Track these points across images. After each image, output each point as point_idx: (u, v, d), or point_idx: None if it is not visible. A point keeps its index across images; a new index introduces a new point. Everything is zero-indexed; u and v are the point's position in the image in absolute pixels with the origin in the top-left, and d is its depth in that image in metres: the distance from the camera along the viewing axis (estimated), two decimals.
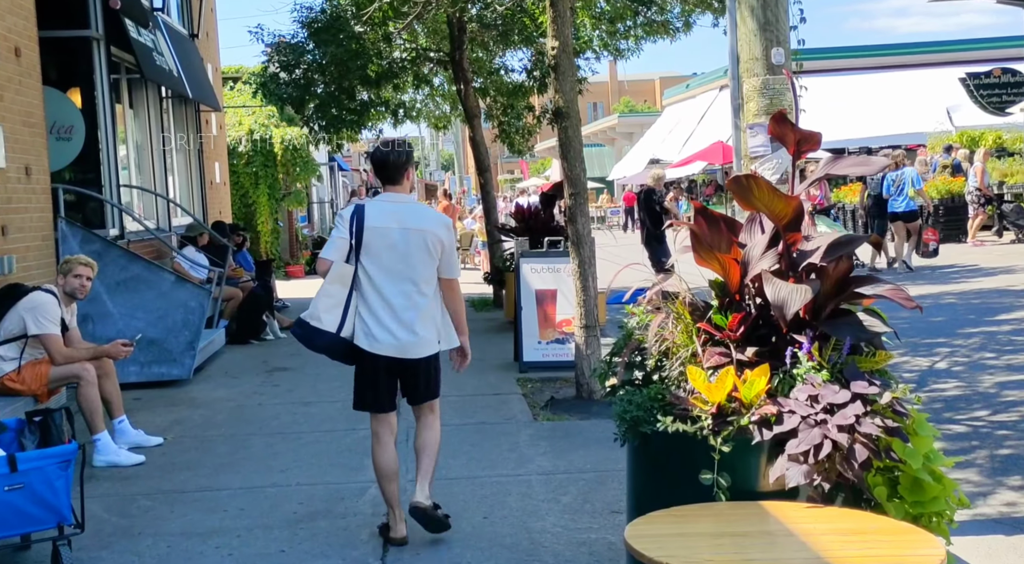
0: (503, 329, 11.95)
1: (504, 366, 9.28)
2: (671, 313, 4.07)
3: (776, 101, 4.85)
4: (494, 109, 15.75)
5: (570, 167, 7.50)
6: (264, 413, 7.62)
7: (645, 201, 14.11)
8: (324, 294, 4.65)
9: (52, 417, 4.70)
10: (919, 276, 14.62)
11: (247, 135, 20.39)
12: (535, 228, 12.22)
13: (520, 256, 9.16)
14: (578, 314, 7.61)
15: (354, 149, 52.96)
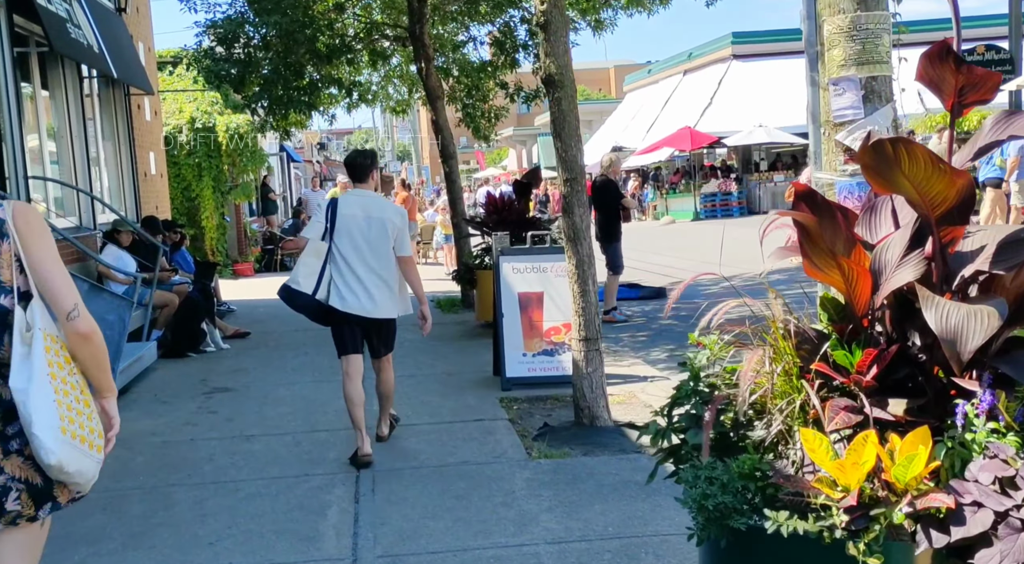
0: (476, 334, 10.63)
1: (483, 382, 7.96)
2: (764, 347, 2.80)
3: (870, 47, 3.58)
4: (457, 90, 14.42)
5: (564, 147, 6.19)
6: (196, 453, 6.23)
7: (601, 192, 12.13)
8: (303, 264, 5.82)
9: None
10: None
11: (188, 123, 18.79)
12: (509, 220, 10.91)
13: (500, 254, 7.83)
14: (577, 324, 6.31)
15: (306, 140, 51.22)
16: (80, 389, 2.54)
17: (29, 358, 2.41)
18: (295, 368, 9.14)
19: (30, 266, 2.48)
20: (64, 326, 2.51)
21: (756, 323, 2.98)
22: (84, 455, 2.49)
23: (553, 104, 6.17)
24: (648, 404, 7.00)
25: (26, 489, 2.46)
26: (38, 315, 2.47)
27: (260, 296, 15.88)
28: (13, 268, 2.47)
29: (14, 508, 2.45)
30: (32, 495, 2.47)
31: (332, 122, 16.74)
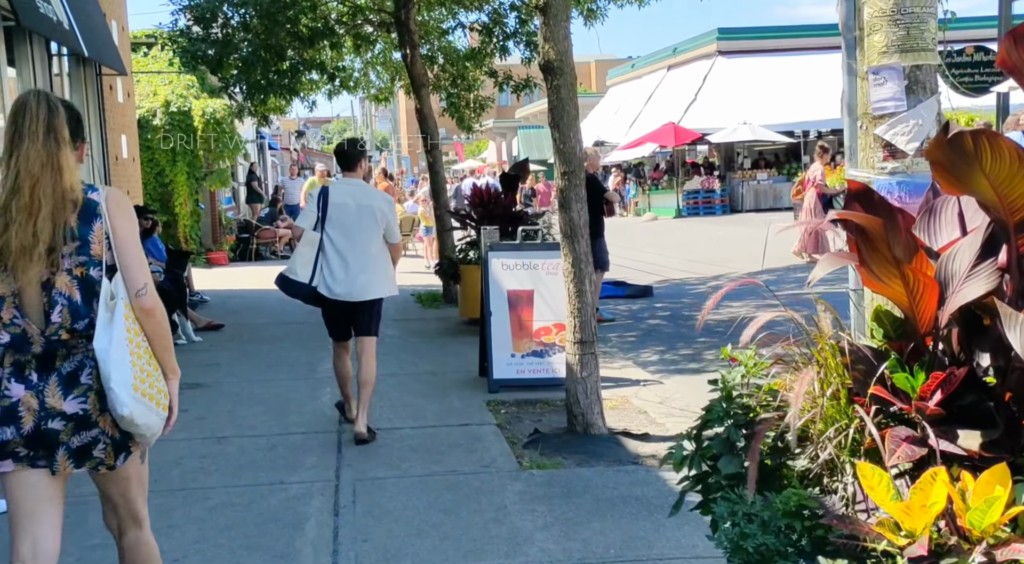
0: (460, 331, 10.27)
1: (468, 383, 7.61)
2: (814, 367, 2.47)
3: (915, 32, 3.25)
4: (442, 79, 14.02)
5: (563, 138, 5.84)
6: (163, 455, 5.83)
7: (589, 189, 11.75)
8: (299, 254, 5.95)
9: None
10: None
11: (163, 107, 18.29)
12: (495, 214, 10.54)
13: (489, 249, 7.48)
14: (571, 326, 5.97)
15: (284, 127, 50.51)
16: (149, 355, 2.89)
17: (111, 324, 2.76)
18: (271, 364, 8.76)
19: (115, 244, 2.84)
20: (132, 301, 2.84)
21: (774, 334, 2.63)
22: (152, 411, 2.85)
23: (551, 92, 5.82)
24: (642, 410, 6.68)
25: (110, 443, 2.85)
26: (121, 287, 2.82)
27: (235, 286, 15.45)
28: (103, 245, 2.83)
29: (99, 456, 2.85)
30: (114, 448, 2.87)
31: (312, 109, 16.31)
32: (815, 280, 2.49)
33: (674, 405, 6.74)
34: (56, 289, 2.78)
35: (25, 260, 2.74)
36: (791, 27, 32.32)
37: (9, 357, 2.80)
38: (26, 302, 2.79)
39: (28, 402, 2.77)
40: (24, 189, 2.73)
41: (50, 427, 2.78)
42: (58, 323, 2.79)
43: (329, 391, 7.47)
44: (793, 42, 31.06)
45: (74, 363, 2.81)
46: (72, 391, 2.79)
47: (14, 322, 2.78)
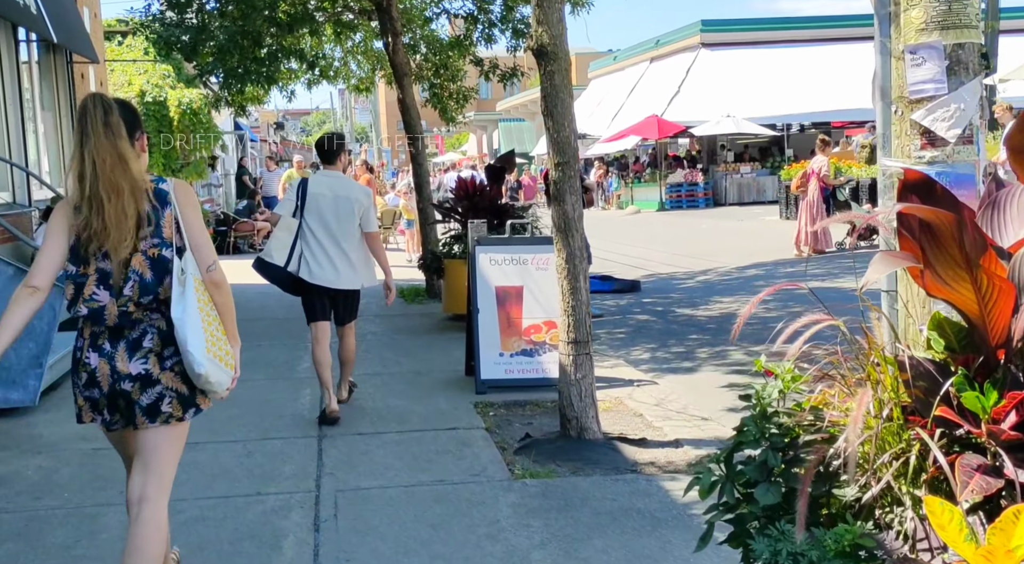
0: (444, 328, 9.95)
1: (454, 383, 7.29)
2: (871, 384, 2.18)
3: (957, 7, 2.95)
4: (425, 69, 13.67)
5: (556, 127, 5.52)
6: None
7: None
8: (275, 238, 6.09)
9: None
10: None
11: (138, 97, 17.82)
12: (481, 207, 10.21)
13: (476, 243, 7.15)
14: (564, 325, 5.66)
15: (263, 119, 49.93)
16: (218, 322, 3.29)
17: (184, 296, 3.14)
18: (247, 362, 8.30)
19: (184, 228, 3.23)
20: (204, 276, 3.25)
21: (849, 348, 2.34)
22: (222, 370, 3.28)
23: (545, 78, 5.50)
24: (637, 412, 6.38)
25: (176, 397, 3.22)
26: (190, 264, 3.21)
27: None
28: (172, 228, 3.21)
29: (167, 410, 3.22)
30: (181, 402, 3.24)
31: (291, 99, 15.94)
32: (869, 282, 2.18)
33: (670, 407, 6.45)
34: (131, 267, 3.15)
35: (114, 240, 3.13)
36: (775, 19, 32.14)
37: (87, 329, 3.21)
38: (108, 279, 3.16)
39: (103, 368, 3.18)
40: (102, 177, 3.10)
41: (122, 388, 3.19)
42: (128, 297, 3.16)
43: (309, 392, 7.13)
44: (777, 34, 30.87)
45: (138, 331, 3.20)
46: (136, 355, 3.18)
47: (94, 297, 3.14)
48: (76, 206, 3.17)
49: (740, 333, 8.42)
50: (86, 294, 3.15)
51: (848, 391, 2.33)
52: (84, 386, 3.22)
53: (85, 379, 3.21)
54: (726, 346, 8.66)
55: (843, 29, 32.35)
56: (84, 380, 3.22)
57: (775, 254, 15.29)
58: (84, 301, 3.14)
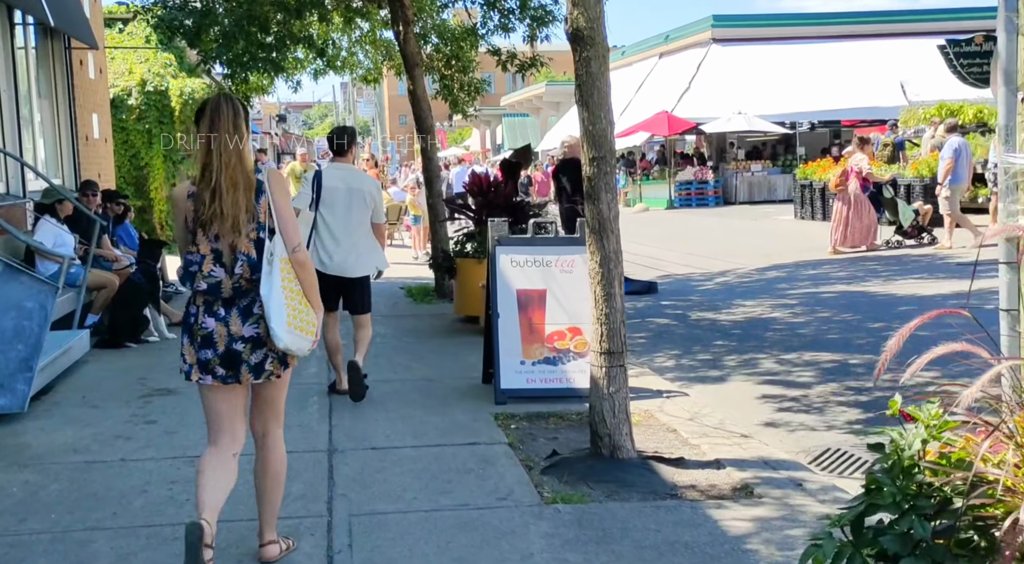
0: (456, 330, 9.52)
1: (471, 392, 6.85)
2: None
3: None
4: (435, 60, 13.22)
5: (592, 119, 5.07)
6: (126, 479, 5.05)
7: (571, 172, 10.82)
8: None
9: None
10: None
11: (139, 86, 17.38)
12: (496, 204, 9.77)
13: (496, 243, 6.70)
14: (597, 334, 5.22)
15: (265, 111, 49.52)
16: (301, 296, 3.69)
17: (271, 274, 3.57)
18: None
19: (276, 213, 3.63)
20: (290, 255, 3.65)
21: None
22: (301, 339, 3.68)
23: (580, 65, 5.05)
24: (670, 427, 5.93)
25: (276, 358, 3.71)
26: (278, 245, 3.60)
27: None
28: (267, 213, 3.62)
29: (269, 368, 3.71)
30: (279, 361, 3.73)
31: (297, 89, 15.55)
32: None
33: (706, 422, 6.01)
34: (239, 249, 3.61)
35: (228, 226, 3.58)
36: (788, 15, 31.67)
37: (199, 298, 3.67)
38: (221, 258, 3.63)
39: (219, 331, 3.65)
40: (226, 172, 3.56)
41: (235, 348, 3.66)
42: (239, 274, 3.63)
43: (316, 400, 6.70)
44: (790, 30, 30.40)
45: (248, 300, 3.65)
46: (248, 320, 3.66)
47: (212, 274, 3.61)
48: (191, 194, 3.67)
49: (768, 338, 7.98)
50: (205, 271, 3.63)
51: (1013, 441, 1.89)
52: (199, 347, 3.68)
53: (200, 341, 3.68)
54: (755, 354, 8.22)
55: (856, 26, 31.92)
56: (199, 342, 3.68)
57: (794, 255, 14.84)
58: (204, 277, 3.63)
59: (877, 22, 32.25)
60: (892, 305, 9.92)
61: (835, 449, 5.68)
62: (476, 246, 9.73)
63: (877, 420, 6.17)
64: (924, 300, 10.01)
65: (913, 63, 28.74)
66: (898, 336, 2.13)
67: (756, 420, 6.34)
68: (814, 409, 6.52)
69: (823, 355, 7.98)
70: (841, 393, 6.84)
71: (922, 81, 27.04)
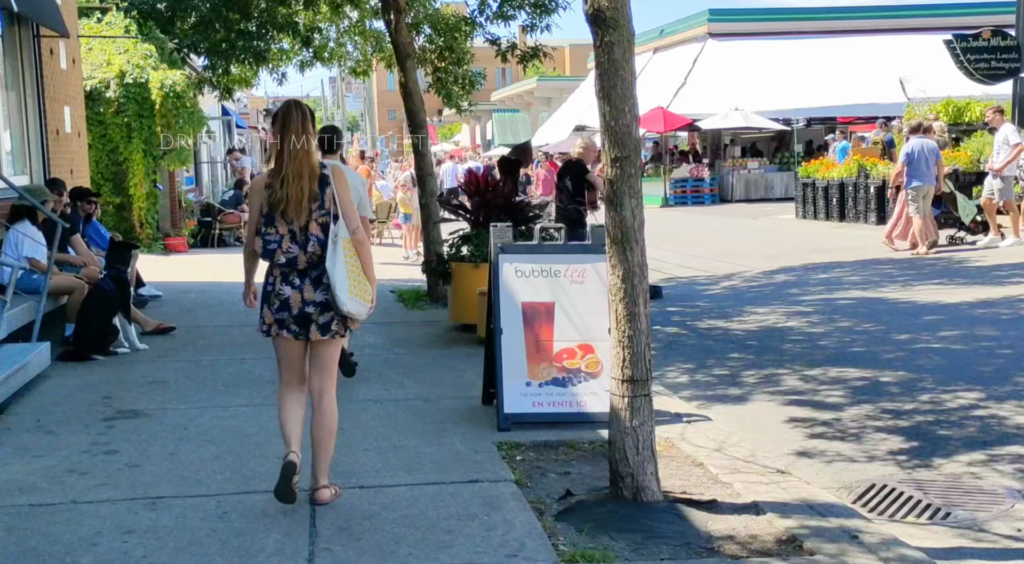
0: (451, 340, 8.88)
1: (470, 415, 6.19)
2: None
3: None
4: (428, 52, 12.55)
5: (615, 113, 4.42)
6: (75, 528, 4.36)
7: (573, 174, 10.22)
8: None
9: None
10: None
11: (117, 78, 16.65)
12: (494, 204, 9.14)
13: (500, 251, 6.04)
14: (619, 358, 4.57)
15: (252, 105, 48.54)
16: (359, 269, 4.54)
17: (335, 252, 4.42)
18: (228, 381, 7.29)
19: (339, 202, 4.49)
20: (351, 236, 4.51)
21: None
22: (360, 305, 4.52)
23: (601, 51, 4.40)
24: (696, 460, 5.29)
25: (340, 320, 4.54)
26: (342, 228, 4.48)
27: (193, 277, 13.93)
28: (331, 202, 4.47)
29: (335, 329, 4.53)
30: (342, 324, 4.56)
31: (282, 82, 14.76)
32: None
33: (735, 453, 5.37)
34: (310, 231, 4.41)
35: (297, 209, 4.39)
36: (787, 9, 31.06)
37: (277, 270, 4.49)
38: (295, 238, 4.42)
39: (295, 297, 4.46)
40: (293, 164, 4.38)
41: (306, 311, 4.47)
42: (312, 251, 4.43)
43: None
44: (788, 25, 29.83)
45: (318, 272, 4.44)
46: (318, 288, 4.46)
47: (290, 251, 4.42)
48: (267, 184, 4.44)
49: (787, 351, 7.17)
50: (284, 248, 4.41)
51: None
52: (277, 310, 4.48)
53: (278, 305, 4.48)
54: (775, 369, 7.59)
55: (855, 21, 31.38)
56: (277, 305, 4.48)
57: (801, 256, 14.22)
58: (283, 253, 4.42)
59: (876, 17, 31.70)
60: (915, 314, 9.31)
61: (881, 485, 5.06)
62: (472, 249, 9.09)
63: (922, 450, 5.55)
64: (949, 309, 9.41)
65: (913, 59, 28.18)
66: None
67: (787, 448, 5.71)
68: (850, 436, 5.90)
69: (850, 371, 7.36)
70: (877, 417, 6.22)
71: (922, 77, 26.45)
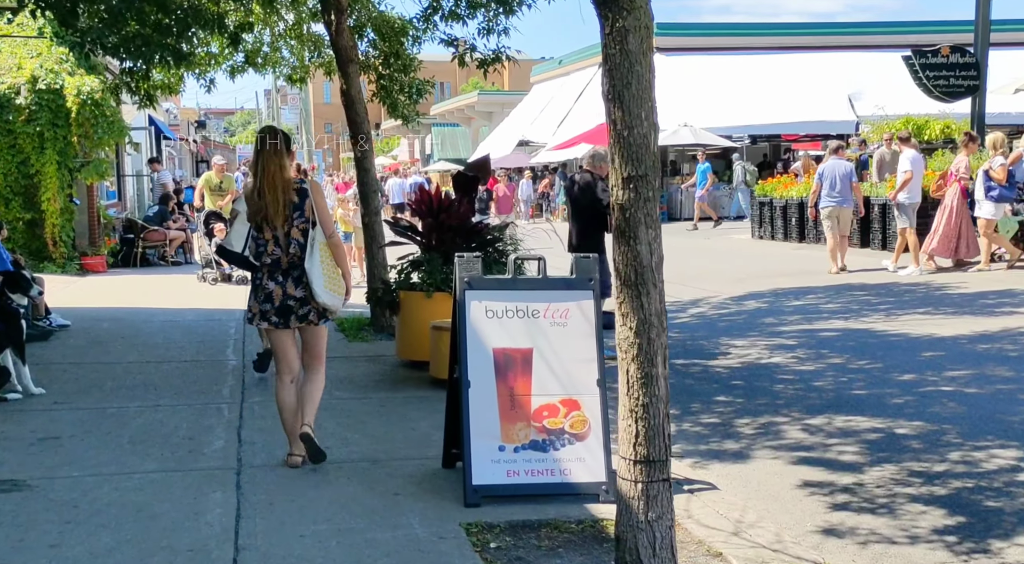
0: (401, 379, 7.83)
1: (430, 482, 5.13)
2: None
3: None
4: (372, 58, 11.51)
5: (629, 119, 3.46)
6: None
7: (583, 192, 9.66)
8: (234, 231, 6.03)
9: None
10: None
11: (29, 84, 15.25)
12: (448, 226, 8.12)
13: (466, 286, 5.01)
14: (630, 434, 3.59)
15: (183, 116, 46.79)
16: (334, 266, 5.37)
17: (312, 253, 5.24)
18: (136, 436, 6.13)
19: (316, 210, 5.30)
20: (326, 240, 5.35)
21: None
22: (335, 298, 5.36)
23: (612, 40, 3.43)
24: (712, 548, 4.31)
25: (316, 312, 5.35)
26: (319, 233, 5.29)
27: (110, 302, 12.63)
28: (311, 211, 5.28)
29: (312, 319, 5.36)
30: (318, 315, 5.38)
31: (210, 89, 13.55)
32: None
33: (757, 537, 4.41)
34: (291, 236, 5.27)
35: (276, 218, 5.24)
36: (736, 25, 30.61)
37: (265, 270, 5.33)
38: (279, 242, 5.29)
39: (277, 291, 5.31)
40: (268, 179, 5.24)
41: (288, 304, 5.32)
42: (293, 253, 5.28)
43: (221, 497, 4.93)
44: (738, 40, 29.33)
45: (298, 271, 5.29)
46: (299, 285, 5.31)
47: (274, 253, 5.28)
48: (248, 196, 5.35)
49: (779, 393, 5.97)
50: (269, 250, 5.30)
51: None
52: (262, 301, 5.33)
53: (263, 297, 5.34)
54: (771, 416, 6.69)
55: (805, 37, 31.07)
56: (263, 298, 5.34)
57: (767, 281, 13.42)
58: (267, 255, 5.29)
59: (828, 34, 31.41)
60: (911, 349, 8.49)
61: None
62: (424, 276, 8.05)
63: (972, 528, 4.65)
64: (947, 344, 8.62)
65: (867, 76, 27.90)
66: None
67: (810, 524, 4.78)
68: (880, 507, 4.97)
69: (859, 420, 6.47)
70: (905, 481, 5.32)
71: (878, 95, 26.07)
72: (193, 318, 11.27)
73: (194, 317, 11.35)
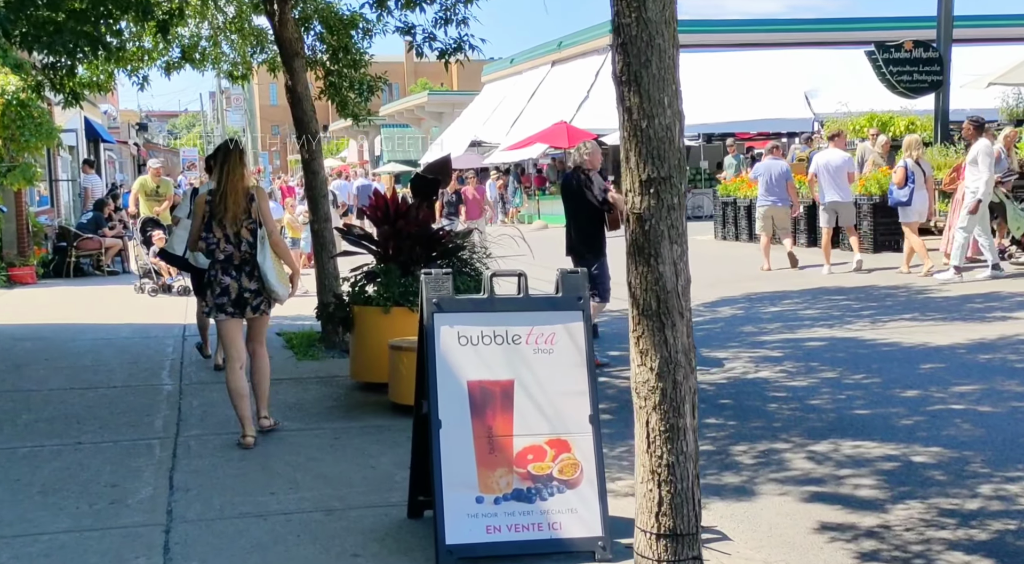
0: (356, 404, 7.05)
1: (394, 538, 4.37)
2: None
3: None
4: (319, 53, 10.71)
5: (649, 107, 2.74)
6: None
7: (579, 188, 9.07)
8: (176, 236, 7.17)
9: None
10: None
11: None
12: (406, 233, 7.36)
13: (436, 309, 4.26)
14: (650, 501, 2.89)
15: (123, 119, 45.26)
16: (280, 262, 5.99)
17: (263, 250, 5.86)
18: (50, 484, 5.28)
19: (261, 213, 5.91)
20: (270, 239, 5.94)
21: None
22: (283, 289, 5.99)
23: (626, 9, 2.70)
24: None
25: (266, 301, 6.00)
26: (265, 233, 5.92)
27: (36, 318, 11.65)
28: (258, 214, 5.89)
29: (264, 308, 6.00)
30: (267, 305, 6.03)
31: (143, 87, 12.63)
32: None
33: None
34: (241, 235, 5.85)
35: (230, 219, 5.81)
36: (691, 22, 30.04)
37: (218, 265, 5.88)
38: (232, 240, 5.84)
39: (232, 285, 5.87)
40: (228, 185, 5.82)
41: (243, 296, 5.89)
42: (245, 250, 5.86)
43: (145, 562, 4.12)
44: (694, 37, 28.74)
45: (249, 266, 5.87)
46: (252, 279, 5.89)
47: (226, 250, 5.84)
48: (208, 199, 5.88)
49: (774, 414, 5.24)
50: (222, 247, 5.85)
51: None
52: (218, 295, 5.88)
53: (219, 291, 5.87)
54: (770, 442, 6.03)
55: (762, 34, 30.71)
56: (218, 292, 5.87)
57: (738, 285, 12.82)
58: (221, 251, 5.84)
59: (785, 31, 31.08)
60: (908, 361, 7.89)
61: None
62: (380, 289, 7.28)
63: None
64: (944, 354, 8.04)
65: (826, 73, 27.63)
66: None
67: None
68: (915, 556, 4.32)
69: (868, 446, 5.83)
70: (938, 523, 4.67)
71: (840, 91, 25.73)
72: (127, 335, 10.38)
73: (128, 333, 10.45)
